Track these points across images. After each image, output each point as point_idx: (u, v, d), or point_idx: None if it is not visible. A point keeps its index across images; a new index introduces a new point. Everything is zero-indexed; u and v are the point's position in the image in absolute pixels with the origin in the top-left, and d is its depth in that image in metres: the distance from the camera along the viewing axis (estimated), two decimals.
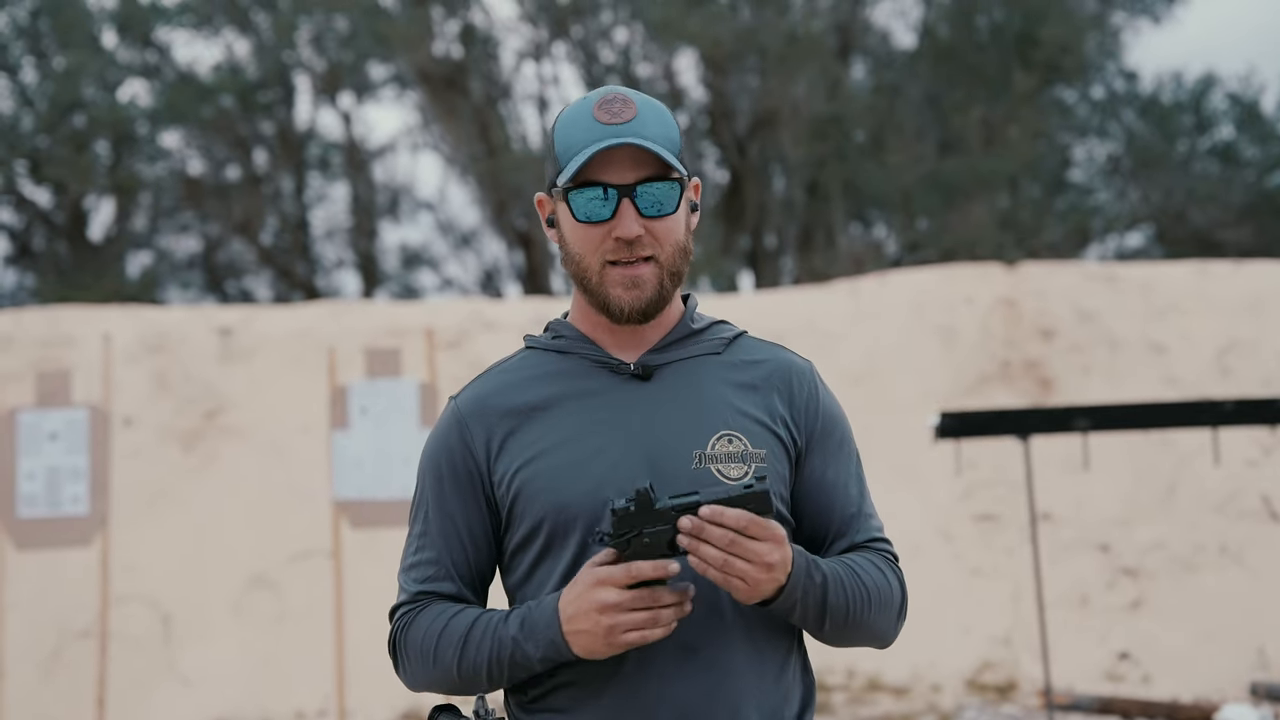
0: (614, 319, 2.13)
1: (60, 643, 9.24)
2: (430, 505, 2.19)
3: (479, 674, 2.06)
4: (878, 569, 2.14)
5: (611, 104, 2.09)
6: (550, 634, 1.98)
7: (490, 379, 2.22)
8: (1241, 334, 11.23)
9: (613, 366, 2.15)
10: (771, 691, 2.10)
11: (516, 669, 2.03)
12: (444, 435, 2.19)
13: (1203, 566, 9.93)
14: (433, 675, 2.13)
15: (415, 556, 2.20)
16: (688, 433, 2.10)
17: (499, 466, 2.13)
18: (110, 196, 20.51)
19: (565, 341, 2.20)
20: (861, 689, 9.22)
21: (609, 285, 2.10)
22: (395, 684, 9.13)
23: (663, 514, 1.90)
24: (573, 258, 2.14)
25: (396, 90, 22.11)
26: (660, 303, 2.13)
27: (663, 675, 2.03)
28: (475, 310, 11.26)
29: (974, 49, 20.91)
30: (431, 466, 2.19)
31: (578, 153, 2.07)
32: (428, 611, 2.12)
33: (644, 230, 2.08)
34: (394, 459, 7.69)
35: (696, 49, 20.57)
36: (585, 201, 2.08)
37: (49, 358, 9.95)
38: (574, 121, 2.11)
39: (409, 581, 2.19)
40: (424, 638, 2.11)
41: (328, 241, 22.51)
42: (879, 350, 11.08)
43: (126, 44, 20.69)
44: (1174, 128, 21.61)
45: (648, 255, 2.10)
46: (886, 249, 20.91)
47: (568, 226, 2.13)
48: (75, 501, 7.63)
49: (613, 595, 1.91)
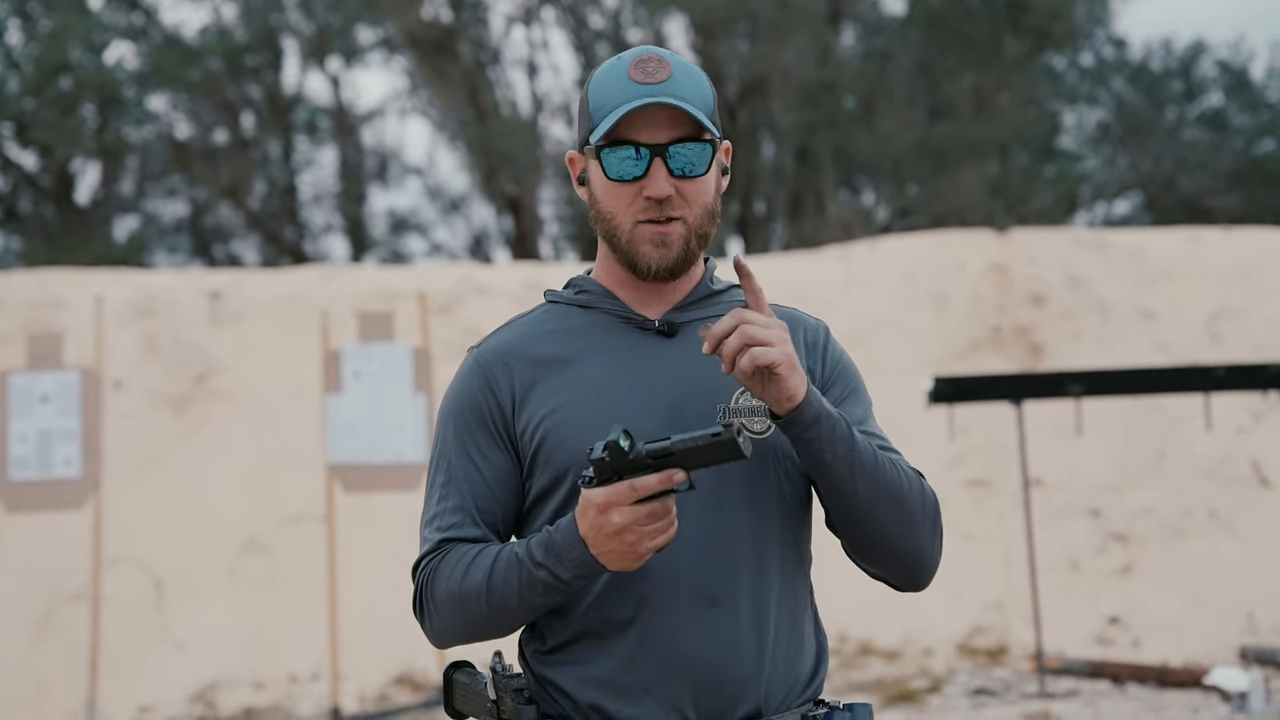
0: (640, 276, 2.14)
1: (52, 606, 9.24)
2: (453, 453, 2.16)
3: (509, 606, 2.04)
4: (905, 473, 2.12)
5: (646, 63, 2.10)
6: (577, 553, 1.96)
7: (512, 330, 2.22)
8: (1232, 300, 11.26)
9: (637, 322, 2.16)
10: (788, 646, 2.11)
11: (551, 592, 2.02)
12: (465, 382, 2.18)
13: (1193, 532, 9.98)
14: (462, 619, 2.10)
15: (438, 506, 2.17)
16: (711, 387, 2.11)
17: (523, 415, 2.12)
18: (97, 160, 20.39)
19: (589, 296, 2.21)
20: (853, 653, 9.26)
21: (638, 243, 2.11)
22: (388, 647, 9.15)
23: (639, 460, 1.90)
24: (603, 215, 2.14)
25: (385, 54, 22.01)
26: (687, 262, 2.14)
27: (682, 626, 2.04)
28: (467, 275, 11.24)
29: (964, 15, 20.86)
30: (454, 414, 2.18)
31: (610, 111, 2.07)
32: (449, 557, 2.10)
33: (674, 190, 2.08)
34: (387, 423, 7.69)
35: (687, 14, 20.49)
36: (617, 160, 2.08)
37: (39, 320, 9.92)
38: (608, 80, 2.12)
39: (431, 532, 2.16)
40: (448, 581, 2.08)
41: (316, 206, 22.44)
42: (870, 316, 11.08)
43: (113, 6, 20.56)
44: (1163, 95, 21.61)
45: (676, 215, 2.10)
46: (877, 215, 20.89)
47: (599, 184, 2.13)
48: (67, 464, 7.62)
49: (626, 516, 1.90)
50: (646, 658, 2.04)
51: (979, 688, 8.26)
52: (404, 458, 7.66)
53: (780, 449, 2.11)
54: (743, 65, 20.72)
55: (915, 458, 2.33)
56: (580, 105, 2.17)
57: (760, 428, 2.10)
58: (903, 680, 8.72)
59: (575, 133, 2.21)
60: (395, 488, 7.67)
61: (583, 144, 2.15)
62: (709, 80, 2.17)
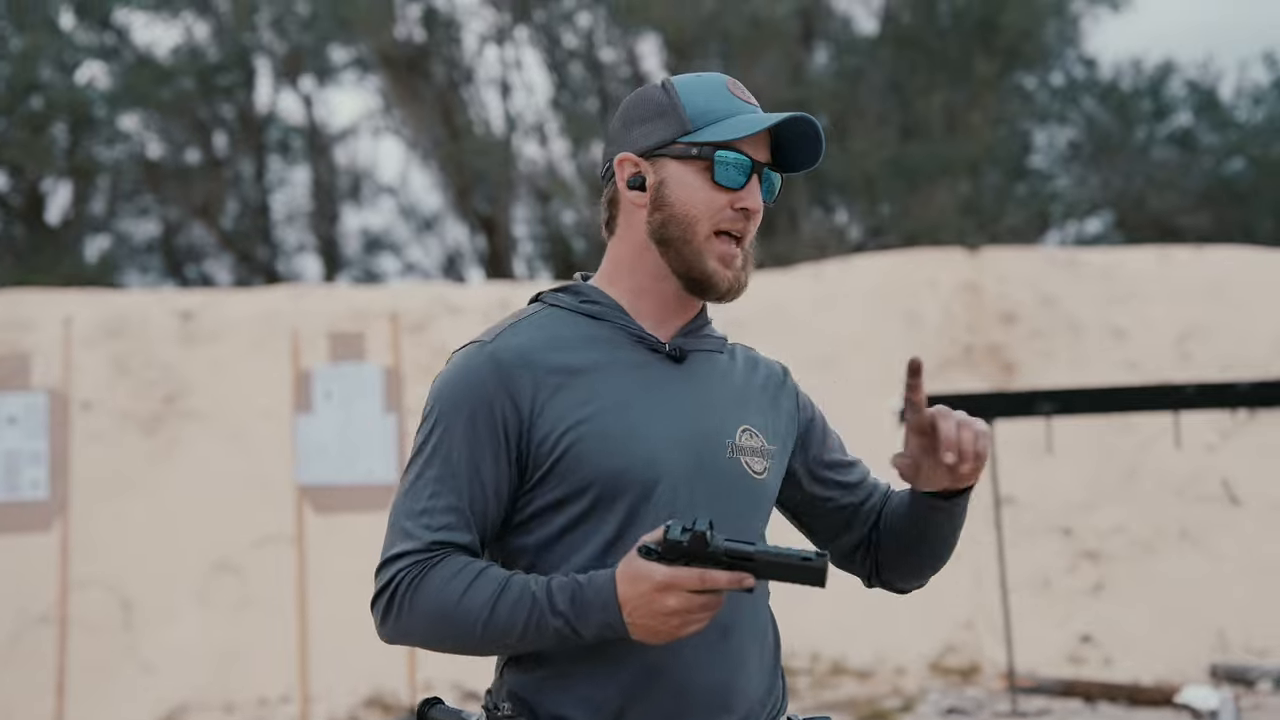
0: (698, 291, 2.11)
1: (19, 628, 9.17)
2: (457, 448, 2.03)
3: (506, 639, 1.96)
4: None
5: (739, 87, 2.14)
6: (606, 617, 1.90)
7: (524, 331, 2.11)
8: (1201, 319, 11.31)
9: (650, 344, 2.12)
10: (772, 673, 2.14)
11: (561, 640, 1.95)
12: (480, 380, 2.04)
13: (1163, 550, 10.00)
14: (442, 635, 2.01)
15: (429, 501, 2.03)
16: (720, 421, 2.11)
17: (542, 423, 2.03)
18: (68, 179, 20.33)
19: (599, 308, 2.14)
20: (825, 673, 9.24)
21: (709, 256, 2.08)
22: (358, 670, 9.06)
23: (715, 558, 1.85)
24: (678, 218, 2.09)
25: (358, 74, 22.02)
26: (741, 289, 2.15)
27: (696, 656, 2.01)
28: (439, 295, 11.22)
29: (935, 35, 20.97)
30: (463, 409, 2.04)
31: (723, 119, 2.08)
32: (446, 565, 1.99)
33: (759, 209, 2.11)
34: (358, 444, 7.65)
35: (660, 33, 20.55)
36: (732, 165, 2.07)
37: (7, 341, 9.86)
38: (704, 90, 2.12)
39: (419, 528, 2.02)
40: (440, 595, 1.97)
41: (288, 226, 22.41)
42: (842, 335, 11.10)
43: (84, 25, 20.51)
44: (1133, 114, 21.74)
45: (746, 234, 2.12)
46: (849, 234, 20.96)
47: (686, 188, 2.09)
48: (34, 486, 7.56)
49: (682, 601, 1.86)
50: (659, 687, 2.00)
51: (951, 707, 8.25)
52: (374, 478, 7.62)
53: (774, 493, 2.19)
54: None
55: (885, 477, 2.37)
56: (656, 108, 2.13)
57: (760, 468, 2.12)
58: (875, 700, 8.70)
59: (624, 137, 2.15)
60: (366, 509, 7.62)
61: (660, 145, 2.11)
62: None
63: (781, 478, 2.21)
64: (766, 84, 19.81)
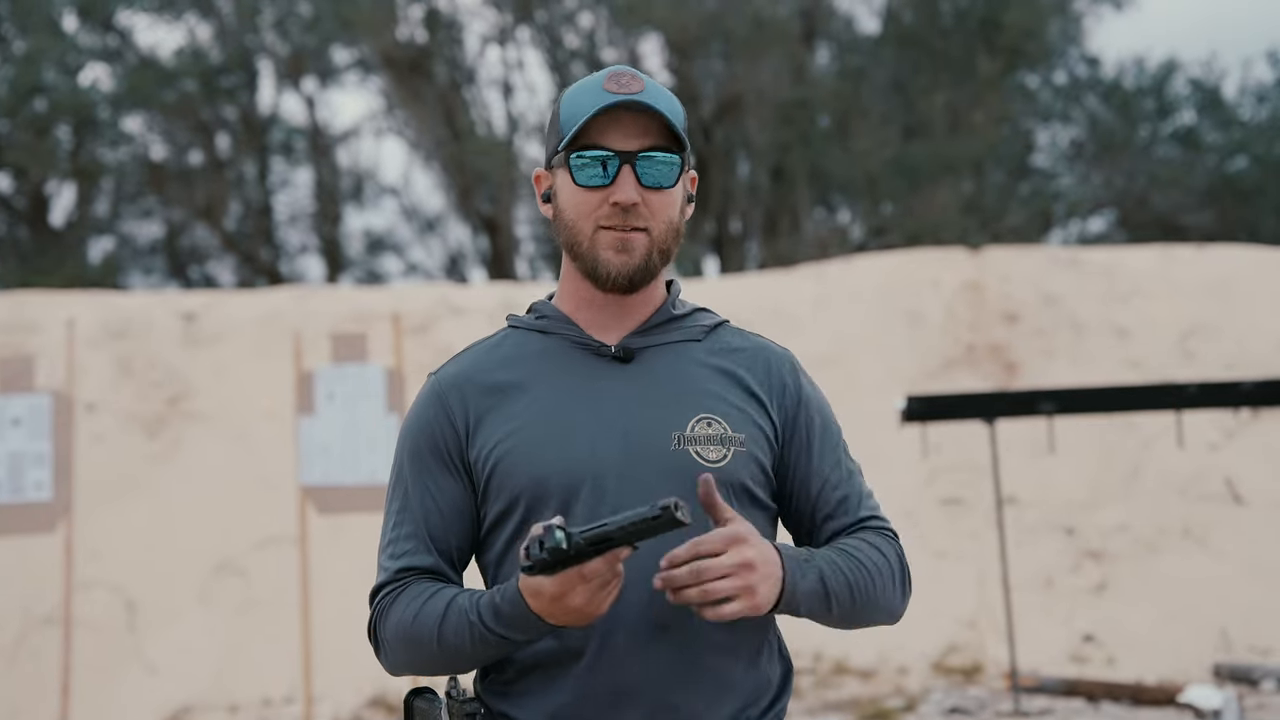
0: (600, 284, 2.12)
1: (24, 629, 9.18)
2: (409, 479, 2.16)
3: (461, 654, 2.05)
4: (873, 546, 2.13)
5: (620, 76, 2.10)
6: (531, 624, 1.95)
7: (470, 356, 2.21)
8: (1204, 318, 11.31)
9: (594, 348, 2.15)
10: (748, 672, 2.10)
11: (507, 647, 2.02)
12: (423, 409, 2.16)
13: (1166, 549, 9.99)
14: (414, 657, 2.11)
15: (393, 533, 2.16)
16: (667, 414, 2.09)
17: (477, 441, 2.11)
18: (72, 181, 20.36)
19: (547, 321, 2.19)
20: (828, 672, 9.25)
21: (599, 248, 2.09)
22: (362, 670, 9.07)
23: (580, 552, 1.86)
24: (566, 224, 2.12)
25: (360, 75, 22.04)
26: (647, 274, 2.12)
27: (633, 655, 2.03)
28: (442, 295, 11.23)
29: (938, 34, 20.97)
30: (410, 441, 2.17)
31: (582, 117, 2.07)
32: (404, 596, 2.09)
33: (640, 199, 2.07)
34: (361, 444, 7.65)
35: (662, 33, 20.56)
36: (586, 164, 2.08)
37: (11, 343, 9.87)
38: (581, 92, 2.12)
39: (387, 559, 2.15)
40: (399, 622, 2.09)
41: (291, 227, 22.43)
42: (844, 334, 11.10)
43: (87, 28, 20.52)
44: (1136, 113, 21.73)
45: (641, 226, 2.09)
46: (851, 233, 20.95)
47: (565, 193, 2.12)
48: (38, 488, 7.57)
49: (583, 594, 1.89)
50: (598, 688, 2.03)
51: (954, 707, 8.25)
52: (377, 479, 7.62)
53: (738, 480, 2.10)
54: (718, 84, 20.79)
55: (889, 476, 2.35)
56: (550, 121, 2.17)
57: (716, 456, 2.08)
58: (878, 699, 8.70)
59: (544, 151, 2.20)
60: (369, 509, 7.62)
61: (550, 157, 2.15)
62: (680, 104, 2.16)
63: (765, 461, 2.14)
64: (769, 84, 19.83)
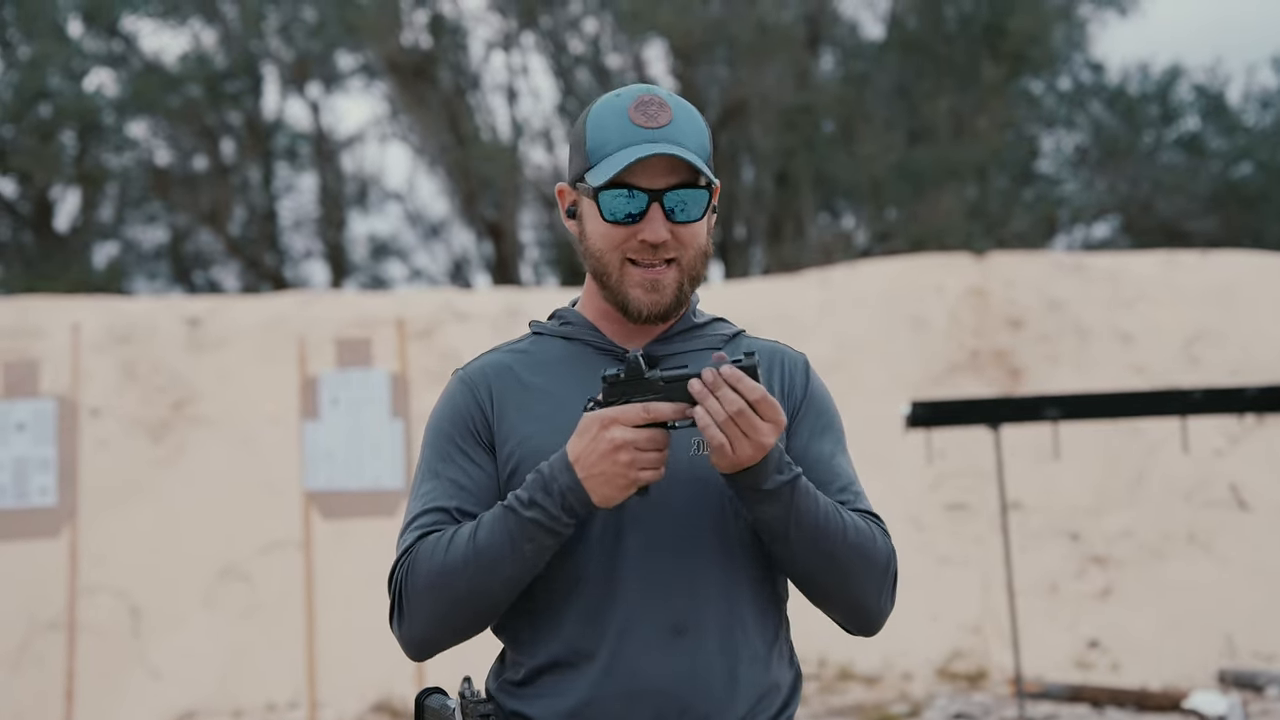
0: (631, 319, 2.14)
1: (29, 635, 9.19)
2: (436, 461, 2.15)
3: (499, 565, 1.99)
4: (865, 521, 2.11)
5: (648, 106, 2.10)
6: (565, 481, 1.95)
7: (497, 356, 2.23)
8: (1209, 323, 11.30)
9: (617, 355, 2.16)
10: (760, 676, 2.10)
11: (544, 535, 1.98)
12: (452, 397, 2.18)
13: (1171, 555, 9.98)
14: (444, 601, 2.04)
15: (421, 508, 2.13)
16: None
17: (501, 430, 2.13)
18: (76, 187, 20.39)
19: (571, 328, 2.21)
20: (833, 678, 9.24)
21: (628, 285, 2.11)
22: (366, 675, 9.07)
23: (652, 384, 1.91)
24: (593, 253, 2.14)
25: (365, 80, 22.06)
26: (678, 306, 2.15)
27: (647, 656, 2.03)
28: (446, 301, 11.23)
29: (942, 40, 20.98)
30: (439, 426, 2.17)
31: (611, 153, 2.07)
32: (427, 541, 2.06)
33: (670, 235, 2.09)
34: (365, 450, 7.65)
35: (666, 39, 20.57)
36: (615, 202, 2.08)
37: (16, 348, 9.88)
38: (608, 119, 2.11)
39: (411, 535, 2.10)
40: (429, 562, 2.03)
41: (296, 232, 22.46)
42: (849, 340, 11.10)
43: (92, 33, 20.55)
44: (1140, 118, 21.73)
45: (671, 258, 2.11)
46: (856, 239, 20.96)
47: (593, 223, 2.13)
48: (43, 493, 7.57)
49: (629, 433, 1.91)
50: (611, 688, 2.03)
51: (958, 712, 8.25)
52: (381, 484, 7.63)
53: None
54: (722, 90, 20.79)
55: (894, 481, 2.35)
56: (575, 139, 2.16)
57: None
58: (882, 705, 8.70)
59: (567, 164, 2.19)
60: (373, 514, 7.63)
61: (575, 179, 2.15)
62: (705, 122, 2.17)
63: None
64: (773, 89, 19.84)
